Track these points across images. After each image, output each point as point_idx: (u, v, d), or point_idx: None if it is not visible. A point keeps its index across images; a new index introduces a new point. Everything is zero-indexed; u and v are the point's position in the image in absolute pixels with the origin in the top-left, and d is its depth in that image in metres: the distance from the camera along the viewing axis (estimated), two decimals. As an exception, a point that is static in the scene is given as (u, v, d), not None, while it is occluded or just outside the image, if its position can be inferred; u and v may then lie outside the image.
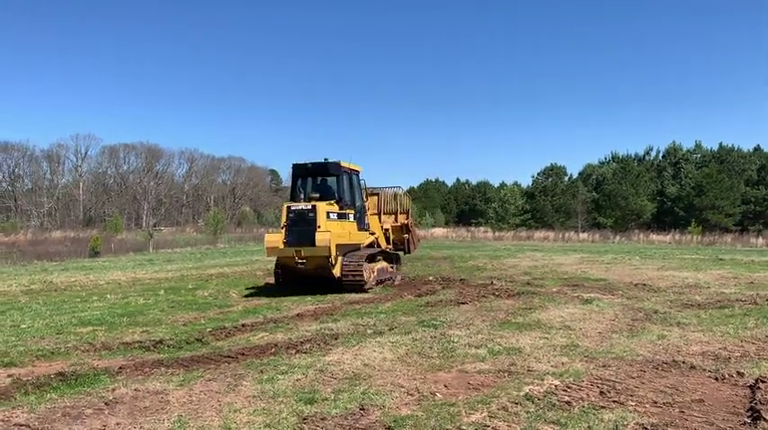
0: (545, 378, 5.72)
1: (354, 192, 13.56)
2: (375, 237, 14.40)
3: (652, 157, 71.94)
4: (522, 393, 5.24)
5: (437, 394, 5.32)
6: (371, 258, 13.25)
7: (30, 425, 4.76)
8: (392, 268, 14.55)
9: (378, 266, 13.60)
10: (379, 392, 5.36)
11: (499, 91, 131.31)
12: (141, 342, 7.90)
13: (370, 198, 14.75)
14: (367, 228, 13.97)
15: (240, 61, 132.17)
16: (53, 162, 72.70)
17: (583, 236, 48.05)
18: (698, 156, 68.15)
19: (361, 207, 13.73)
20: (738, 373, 5.81)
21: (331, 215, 12.25)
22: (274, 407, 5.03)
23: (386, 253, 14.52)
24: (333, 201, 12.65)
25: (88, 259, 28.53)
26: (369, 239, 14.00)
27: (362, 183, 14.14)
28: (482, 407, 4.91)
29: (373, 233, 14.32)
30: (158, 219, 71.79)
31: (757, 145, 67.19)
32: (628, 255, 23.35)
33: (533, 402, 5.00)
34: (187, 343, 7.81)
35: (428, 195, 79.55)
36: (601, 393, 5.23)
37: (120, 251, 34.07)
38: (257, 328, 8.78)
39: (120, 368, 6.47)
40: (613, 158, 73.23)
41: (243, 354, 7.00)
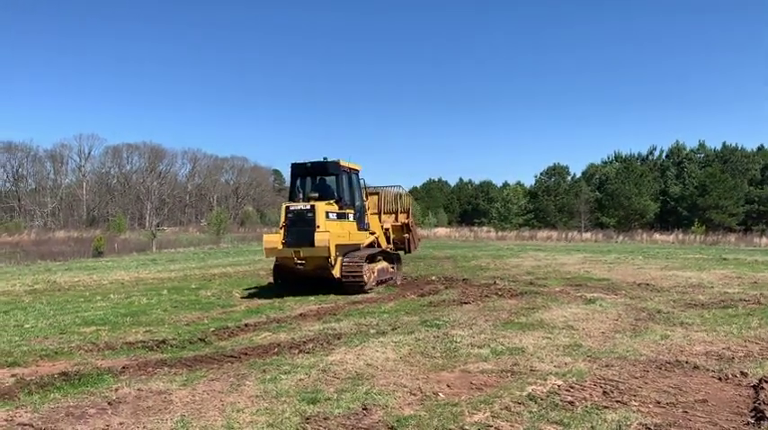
0: (548, 378, 5.72)
1: (354, 191, 13.39)
2: (375, 237, 14.24)
3: (655, 157, 71.89)
4: (525, 393, 5.24)
5: (440, 394, 5.32)
6: (372, 258, 13.08)
7: (33, 424, 4.77)
8: (393, 268, 14.40)
9: (378, 266, 13.44)
10: (381, 392, 5.37)
11: (501, 91, 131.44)
12: (144, 342, 7.92)
13: (370, 197, 14.58)
14: (367, 228, 13.80)
15: (242, 61, 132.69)
16: (56, 162, 72.94)
17: (586, 235, 47.98)
18: (701, 155, 68.02)
19: (360, 206, 13.55)
20: (742, 373, 5.80)
21: (330, 215, 12.09)
22: (277, 406, 5.03)
23: (386, 253, 14.35)
24: (332, 200, 12.49)
25: (91, 259, 28.61)
26: (369, 239, 13.84)
27: (362, 182, 13.97)
28: (485, 407, 4.91)
29: (373, 233, 14.16)
30: (161, 219, 71.92)
31: (761, 144, 67.17)
32: (631, 255, 23.31)
33: (536, 402, 5.00)
34: (190, 342, 7.82)
35: (431, 195, 79.61)
36: (604, 393, 5.22)
37: (123, 251, 34.13)
38: (260, 328, 8.79)
39: (123, 368, 6.49)
40: (616, 158, 73.19)
41: (246, 354, 7.01)
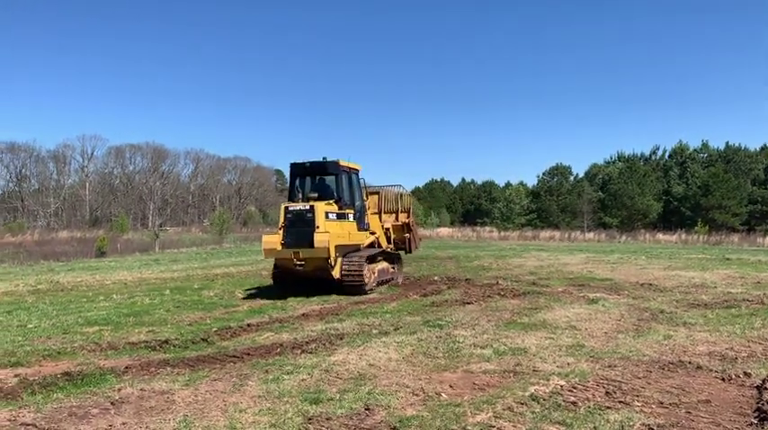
0: (550, 378, 5.71)
1: (354, 191, 13.23)
2: (376, 237, 14.09)
3: (658, 157, 71.75)
4: (528, 393, 5.23)
5: (442, 394, 5.32)
6: (372, 259, 12.92)
7: (36, 424, 4.78)
8: (393, 268, 14.28)
9: (379, 267, 13.32)
10: (384, 392, 5.37)
11: (503, 90, 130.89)
12: (147, 342, 7.93)
13: (370, 197, 14.42)
14: (367, 228, 13.65)
15: (245, 61, 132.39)
16: (59, 162, 73.03)
17: (588, 235, 47.90)
18: (704, 155, 67.86)
19: (360, 206, 13.39)
20: (745, 374, 5.79)
21: (330, 215, 11.95)
22: (280, 407, 5.04)
23: (387, 253, 14.21)
24: (332, 200, 12.35)
25: (94, 259, 28.67)
26: (369, 239, 13.69)
27: (362, 181, 13.82)
28: (487, 407, 4.91)
29: (374, 233, 14.01)
30: (164, 220, 72.02)
31: (764, 144, 66.95)
32: (634, 255, 23.26)
33: (539, 402, 4.99)
34: (193, 343, 7.83)
35: (433, 195, 79.62)
36: (606, 393, 5.21)
37: (126, 251, 34.19)
38: (263, 328, 8.79)
39: (126, 368, 6.50)
40: (619, 158, 73.11)
41: (248, 354, 7.02)
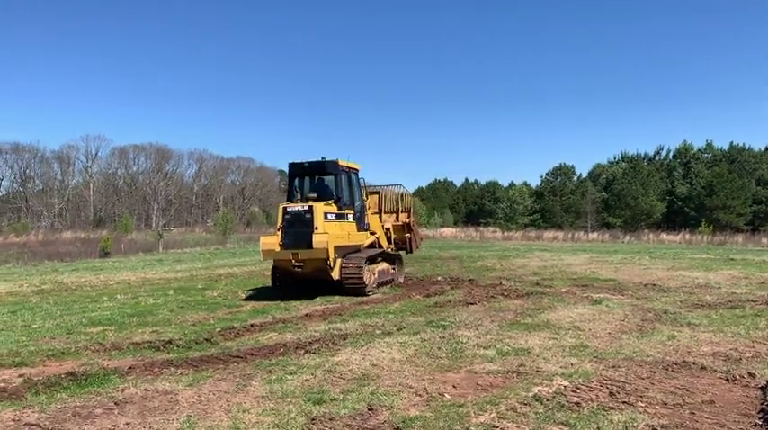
0: (554, 379, 5.70)
1: (353, 191, 13.06)
2: (376, 237, 13.93)
3: (662, 157, 71.60)
4: (531, 394, 5.23)
5: (446, 395, 5.31)
6: (372, 260, 12.78)
7: (40, 424, 4.80)
8: (394, 269, 14.14)
9: (379, 268, 13.17)
10: (387, 393, 5.37)
11: (505, 90, 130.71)
12: (151, 342, 7.94)
13: (370, 196, 14.26)
14: (367, 229, 13.50)
15: (245, 61, 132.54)
16: (63, 163, 73.26)
17: (592, 236, 47.81)
18: (708, 155, 67.65)
19: (360, 206, 13.21)
20: (750, 374, 5.77)
21: (329, 216, 11.77)
22: (283, 407, 5.04)
23: (387, 254, 14.05)
24: (331, 201, 12.19)
25: (98, 259, 28.74)
26: (369, 240, 13.53)
27: (362, 181, 13.67)
28: (491, 407, 4.90)
29: (374, 233, 13.86)
30: (168, 220, 72.13)
31: (769, 144, 66.80)
32: (637, 255, 23.21)
33: (542, 403, 4.99)
34: (196, 343, 7.85)
35: (437, 195, 79.58)
36: (610, 394, 5.20)
37: (129, 251, 34.28)
38: (266, 328, 8.80)
39: (129, 368, 6.52)
40: (623, 158, 72.96)
41: (252, 354, 7.02)
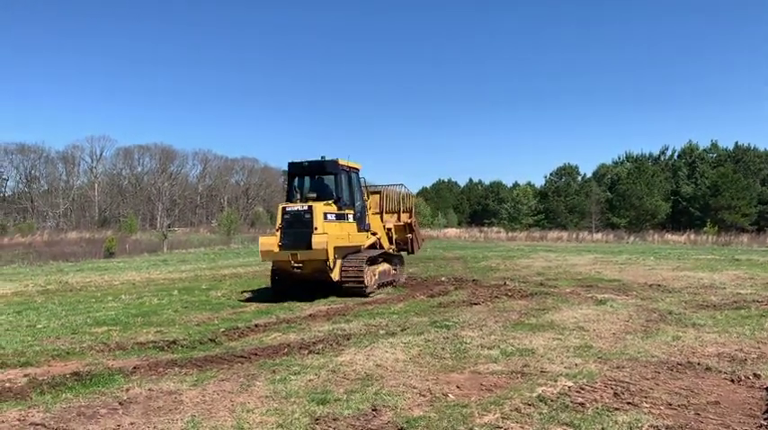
0: (558, 379, 5.69)
1: (354, 191, 12.88)
2: (377, 238, 13.77)
3: (667, 157, 71.35)
4: (536, 394, 5.22)
5: (450, 395, 5.31)
6: (372, 261, 12.64)
7: (45, 424, 4.81)
8: (395, 270, 14.01)
9: (380, 269, 13.02)
10: (391, 393, 5.37)
11: (506, 90, 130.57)
12: (155, 342, 7.97)
13: (371, 196, 14.10)
14: (368, 229, 13.34)
15: (245, 61, 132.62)
16: (68, 163, 73.57)
17: (597, 236, 47.68)
18: (713, 155, 67.36)
19: (361, 207, 13.06)
20: (755, 375, 5.75)
21: (329, 216, 11.63)
22: (287, 407, 5.05)
23: (388, 254, 13.90)
24: (331, 201, 12.06)
25: (103, 260, 28.83)
26: (370, 240, 13.36)
27: (363, 181, 13.53)
28: (495, 408, 4.90)
29: (375, 233, 13.71)
30: (172, 220, 72.38)
31: (774, 144, 66.53)
32: (642, 256, 23.14)
33: (546, 403, 4.98)
34: (200, 343, 7.87)
35: (441, 195, 79.53)
36: (615, 395, 5.19)
37: (134, 251, 34.34)
38: (270, 329, 8.81)
39: (134, 368, 6.54)
40: (627, 158, 72.73)
41: (256, 355, 7.04)
